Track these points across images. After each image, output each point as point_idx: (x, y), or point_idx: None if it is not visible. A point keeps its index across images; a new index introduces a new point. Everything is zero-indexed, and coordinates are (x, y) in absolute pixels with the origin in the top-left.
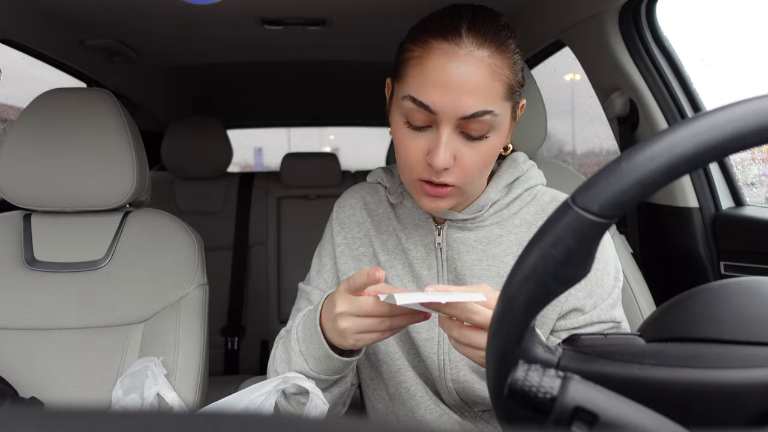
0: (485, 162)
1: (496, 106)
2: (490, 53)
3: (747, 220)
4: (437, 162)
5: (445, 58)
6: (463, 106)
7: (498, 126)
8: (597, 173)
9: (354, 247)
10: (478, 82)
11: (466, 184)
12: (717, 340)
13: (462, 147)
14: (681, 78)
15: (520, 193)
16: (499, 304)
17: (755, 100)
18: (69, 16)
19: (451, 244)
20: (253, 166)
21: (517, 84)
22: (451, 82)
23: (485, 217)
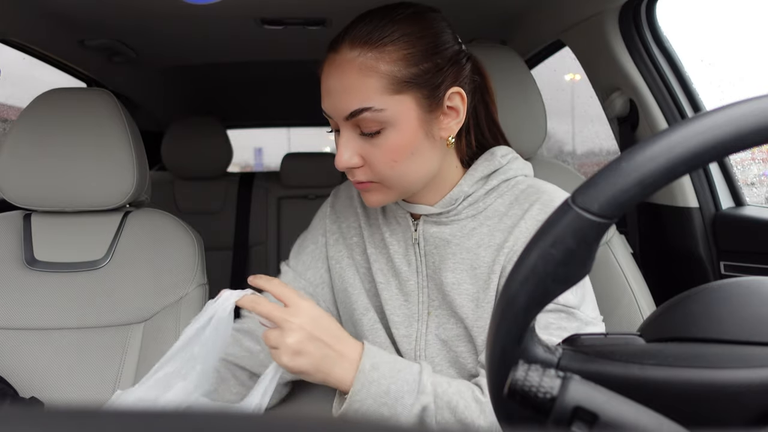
0: (391, 157)
1: (375, 102)
2: (361, 52)
3: (747, 220)
4: (336, 161)
5: (327, 65)
6: (341, 107)
7: (391, 121)
8: (597, 173)
9: (348, 236)
10: (349, 82)
11: (385, 180)
12: (717, 340)
13: (364, 145)
14: (681, 78)
15: (497, 184)
16: (499, 304)
17: (755, 100)
18: (69, 16)
19: (428, 239)
20: (253, 166)
21: (413, 75)
22: (330, 86)
23: (459, 210)
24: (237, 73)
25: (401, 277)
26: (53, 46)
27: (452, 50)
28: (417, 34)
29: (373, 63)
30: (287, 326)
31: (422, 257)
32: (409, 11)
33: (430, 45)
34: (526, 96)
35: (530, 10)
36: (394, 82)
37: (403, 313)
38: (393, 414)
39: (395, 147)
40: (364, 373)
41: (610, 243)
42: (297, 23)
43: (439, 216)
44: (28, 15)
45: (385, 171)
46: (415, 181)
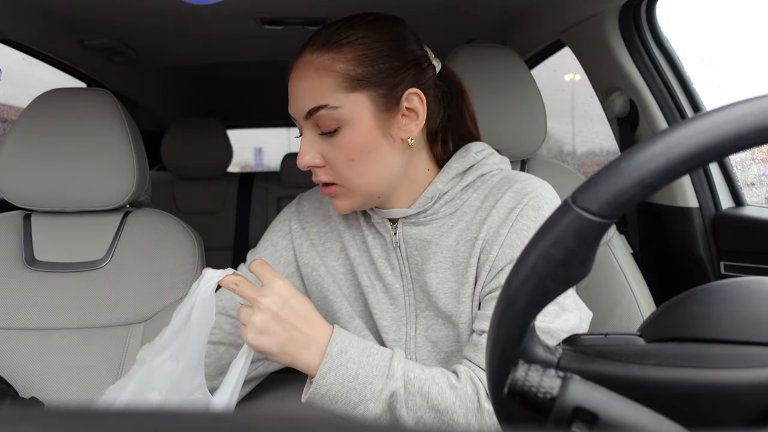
0: (349, 156)
1: (331, 100)
2: (319, 53)
3: (747, 220)
4: (298, 160)
5: (292, 70)
6: (298, 107)
7: (347, 119)
8: (597, 173)
9: (319, 242)
10: (306, 82)
11: (345, 181)
12: (717, 340)
13: (324, 145)
14: (681, 78)
15: (472, 180)
16: (499, 304)
17: (755, 100)
18: (69, 16)
19: (408, 242)
20: (253, 167)
21: (368, 74)
22: (292, 89)
23: (437, 209)
24: (237, 73)
25: (386, 281)
26: (53, 46)
27: (412, 54)
28: (373, 37)
29: (330, 63)
30: (256, 305)
31: (405, 260)
32: (369, 18)
33: (386, 47)
34: (526, 96)
35: (530, 10)
36: (349, 80)
37: (391, 317)
38: (361, 399)
39: (352, 145)
40: (331, 357)
41: (610, 243)
42: (297, 23)
43: (417, 216)
44: (28, 15)
45: (343, 170)
46: (376, 182)
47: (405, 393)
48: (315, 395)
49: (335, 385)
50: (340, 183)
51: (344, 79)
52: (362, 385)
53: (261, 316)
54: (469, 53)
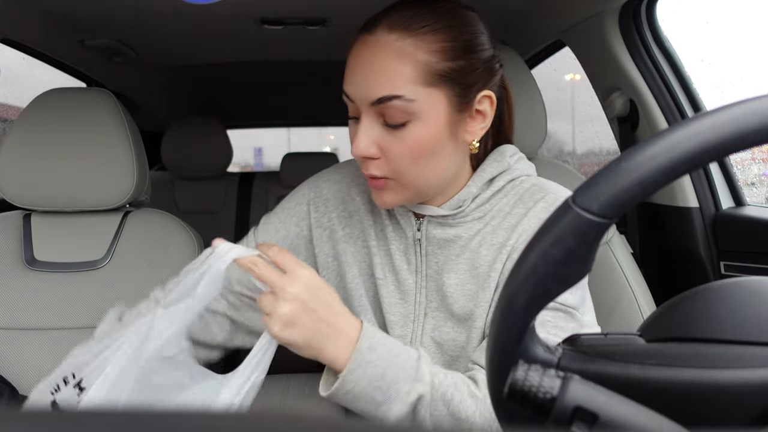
0: (413, 153)
1: (407, 91)
2: (399, 36)
3: (747, 220)
4: (354, 149)
5: (358, 46)
6: (368, 92)
7: (420, 114)
8: (597, 173)
9: (339, 227)
10: (381, 66)
11: (401, 177)
12: (717, 340)
13: (385, 136)
14: (681, 78)
15: (502, 185)
16: (499, 304)
17: (755, 100)
18: (69, 16)
19: (431, 240)
20: (253, 166)
21: (449, 69)
22: (359, 68)
23: (467, 212)
24: (237, 73)
25: (399, 276)
26: (53, 46)
27: (488, 53)
28: (458, 28)
29: (411, 50)
30: (282, 294)
31: (423, 257)
32: (452, 5)
33: (469, 42)
34: (526, 96)
35: (530, 10)
36: (429, 74)
37: (399, 312)
38: (385, 399)
39: (418, 142)
40: (360, 353)
41: (610, 243)
42: (297, 23)
43: (445, 218)
44: (28, 15)
45: (403, 167)
46: (432, 182)
47: (428, 400)
48: (339, 391)
49: (362, 381)
50: (395, 178)
51: (425, 71)
52: (388, 385)
53: (288, 306)
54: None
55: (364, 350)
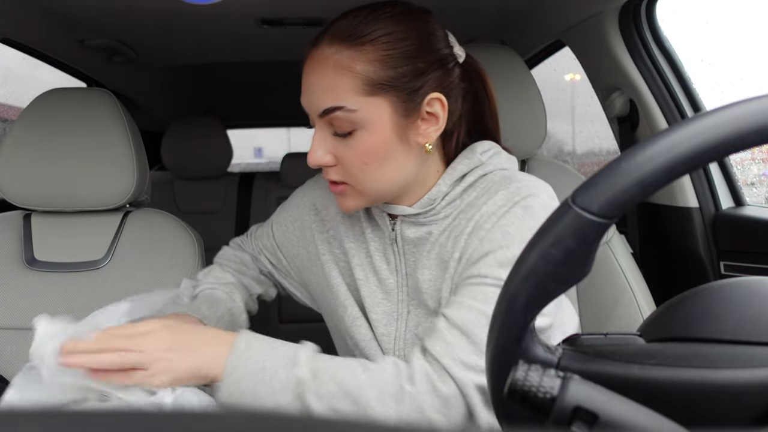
0: (363, 160)
1: (348, 102)
2: (338, 49)
3: (747, 220)
4: (308, 158)
5: (307, 60)
6: (315, 104)
7: (364, 123)
8: (597, 173)
9: (325, 229)
10: (322, 78)
11: (356, 183)
12: (717, 340)
13: (337, 145)
14: (681, 78)
15: (473, 181)
16: (499, 304)
17: (755, 100)
18: (69, 16)
19: (405, 239)
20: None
21: (390, 78)
22: (307, 81)
23: (438, 210)
24: (237, 73)
25: (380, 275)
26: (53, 46)
27: (438, 54)
28: (400, 35)
29: (349, 62)
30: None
31: (401, 256)
32: (397, 10)
33: (413, 47)
34: (526, 96)
35: (530, 10)
36: (369, 84)
37: (383, 311)
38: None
39: (367, 150)
40: (237, 354)
41: (610, 243)
42: (296, 23)
43: (417, 216)
44: (28, 15)
45: (356, 173)
46: (387, 186)
47: (314, 380)
48: (225, 392)
49: (243, 381)
50: (350, 183)
51: (364, 81)
52: (269, 376)
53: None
54: (468, 53)
55: (242, 349)
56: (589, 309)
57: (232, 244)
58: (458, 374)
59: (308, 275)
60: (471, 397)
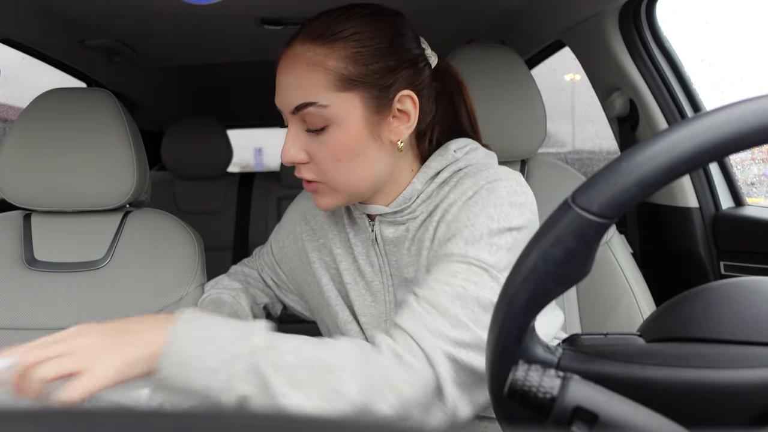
0: (335, 156)
1: (321, 98)
2: (311, 47)
3: (747, 220)
4: (283, 155)
5: (281, 60)
6: (285, 101)
7: (336, 119)
8: (597, 173)
9: (316, 237)
10: (295, 76)
11: (330, 180)
12: (717, 340)
13: (310, 142)
14: (681, 78)
15: (447, 177)
16: (499, 304)
17: (755, 100)
18: (69, 16)
19: (385, 239)
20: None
21: (362, 74)
22: (280, 80)
23: (414, 208)
24: (237, 73)
25: (366, 278)
26: (53, 46)
27: (409, 54)
28: (369, 33)
29: (321, 59)
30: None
31: (384, 257)
32: (367, 11)
33: (382, 45)
34: (526, 96)
35: (530, 10)
36: (341, 80)
37: (371, 314)
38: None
39: (339, 146)
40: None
41: (610, 243)
42: (297, 23)
43: (395, 215)
44: (28, 15)
45: (329, 170)
46: (360, 182)
47: (270, 351)
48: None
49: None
50: (324, 181)
51: (335, 77)
52: (218, 345)
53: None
54: (469, 53)
55: (186, 319)
56: (589, 309)
57: (239, 264)
58: (426, 341)
59: (304, 286)
60: (439, 366)
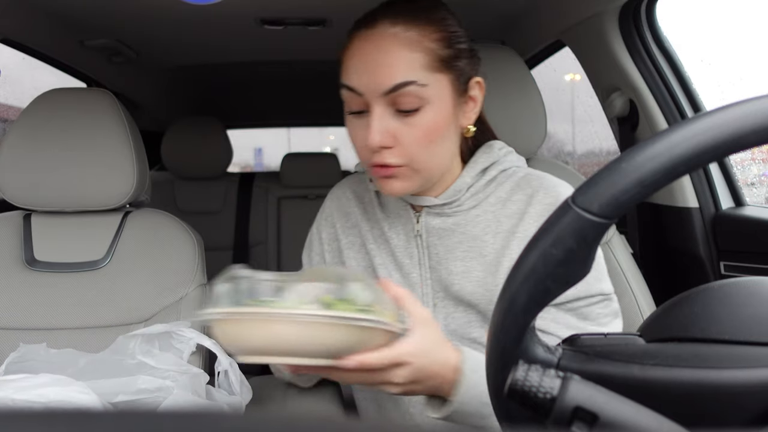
0: (427, 137)
1: (420, 77)
2: (405, 27)
3: (747, 220)
4: (370, 139)
5: (361, 41)
6: (382, 81)
7: (431, 99)
8: (597, 173)
9: (343, 237)
10: (393, 56)
11: (414, 163)
12: (717, 340)
13: (398, 125)
14: (681, 78)
15: (495, 175)
16: (499, 304)
17: (755, 100)
18: (69, 16)
19: (430, 231)
20: (253, 167)
21: (450, 56)
22: (368, 61)
23: (462, 201)
24: (237, 73)
25: (403, 271)
26: (53, 46)
27: (468, 44)
28: (452, 20)
29: (418, 39)
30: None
31: (424, 249)
32: (431, 2)
33: (459, 32)
34: (526, 96)
35: (530, 10)
36: (437, 60)
37: None
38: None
39: (431, 126)
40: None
41: (610, 243)
42: (297, 23)
43: (442, 207)
44: (28, 15)
45: (417, 152)
46: (439, 165)
47: None
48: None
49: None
50: (408, 164)
51: (432, 57)
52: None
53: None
54: None
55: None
56: None
57: None
58: None
59: None
60: None
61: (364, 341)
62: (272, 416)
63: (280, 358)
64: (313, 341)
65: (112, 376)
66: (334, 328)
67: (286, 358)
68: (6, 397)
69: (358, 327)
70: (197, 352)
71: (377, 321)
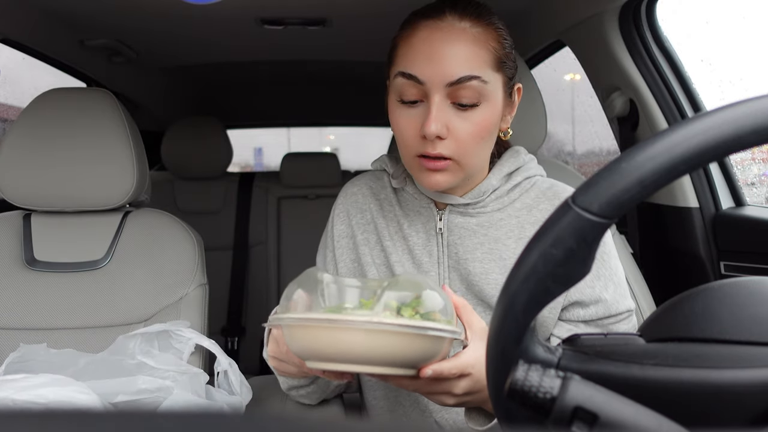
0: (479, 133)
1: (483, 73)
2: (472, 24)
3: (747, 220)
4: (429, 128)
5: (428, 31)
6: (448, 72)
7: (489, 96)
8: (597, 173)
9: (358, 232)
10: (462, 49)
11: (462, 157)
12: (717, 340)
13: (454, 117)
14: (681, 78)
15: (520, 181)
16: (499, 304)
17: (755, 100)
18: (69, 16)
19: (452, 230)
20: (253, 166)
21: (505, 57)
22: (436, 51)
23: (486, 203)
24: (237, 73)
25: (422, 269)
26: (53, 46)
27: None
28: (502, 24)
29: (484, 37)
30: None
31: (445, 247)
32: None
33: (508, 37)
34: (527, 96)
35: (530, 10)
36: (497, 59)
37: None
38: None
39: (484, 124)
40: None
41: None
42: (297, 23)
43: (466, 207)
44: (28, 15)
45: (467, 147)
46: (480, 165)
47: None
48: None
49: None
50: (456, 158)
51: (494, 57)
52: None
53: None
54: None
55: None
56: None
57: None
58: None
59: None
60: None
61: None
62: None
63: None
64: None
65: (112, 376)
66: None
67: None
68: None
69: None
70: (197, 352)
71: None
